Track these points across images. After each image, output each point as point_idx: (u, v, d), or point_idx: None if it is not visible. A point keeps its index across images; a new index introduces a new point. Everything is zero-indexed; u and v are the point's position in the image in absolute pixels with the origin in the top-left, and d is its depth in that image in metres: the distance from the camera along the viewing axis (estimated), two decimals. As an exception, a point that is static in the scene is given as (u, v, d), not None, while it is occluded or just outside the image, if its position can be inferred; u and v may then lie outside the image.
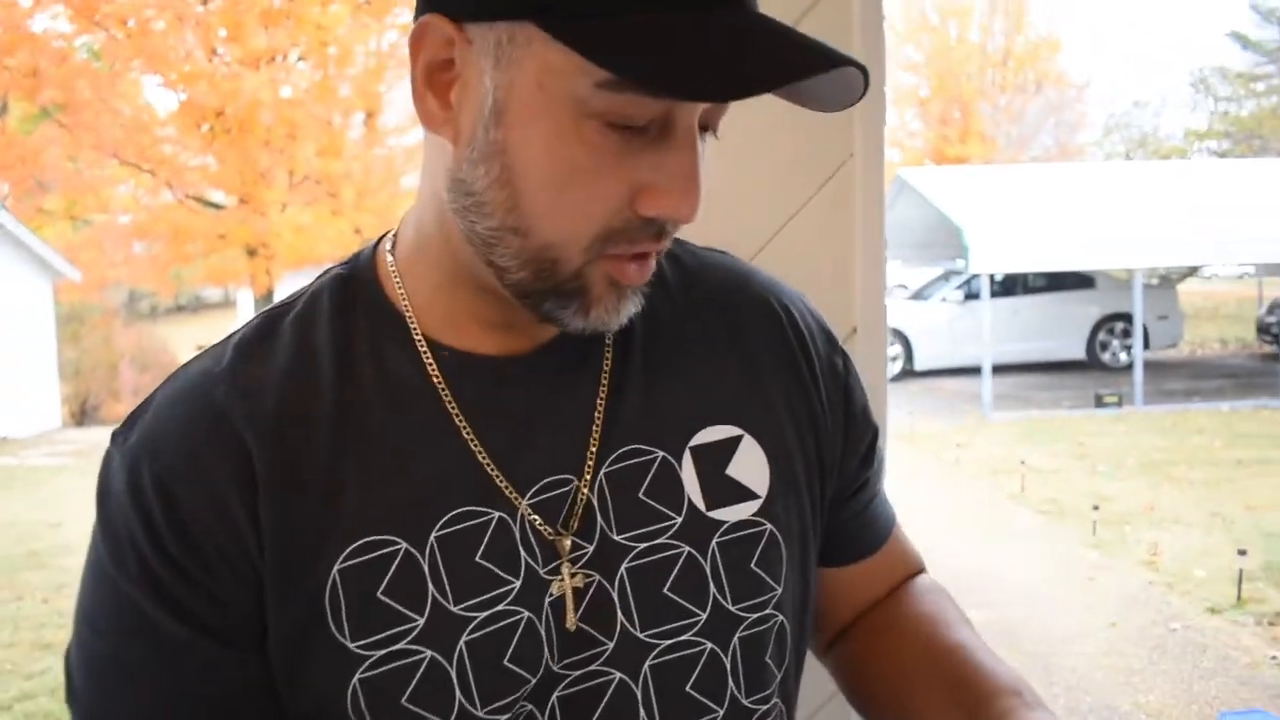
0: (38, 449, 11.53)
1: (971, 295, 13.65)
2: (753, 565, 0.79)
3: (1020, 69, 27.10)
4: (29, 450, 11.40)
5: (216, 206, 15.07)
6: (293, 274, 14.42)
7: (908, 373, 13.90)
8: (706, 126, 0.69)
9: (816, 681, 1.01)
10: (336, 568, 0.71)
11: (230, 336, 0.78)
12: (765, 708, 0.81)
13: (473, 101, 0.67)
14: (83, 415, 14.03)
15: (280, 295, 0.98)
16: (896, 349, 13.82)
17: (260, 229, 14.13)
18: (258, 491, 0.71)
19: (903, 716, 0.86)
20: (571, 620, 0.74)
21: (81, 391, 14.26)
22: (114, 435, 0.75)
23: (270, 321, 0.78)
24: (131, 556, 0.70)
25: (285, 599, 0.71)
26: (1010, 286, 13.90)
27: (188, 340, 15.61)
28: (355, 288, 0.78)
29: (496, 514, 0.73)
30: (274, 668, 0.72)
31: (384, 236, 0.81)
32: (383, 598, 0.71)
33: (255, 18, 13.38)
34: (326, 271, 0.81)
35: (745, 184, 1.41)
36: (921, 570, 0.98)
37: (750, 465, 0.80)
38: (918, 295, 14.98)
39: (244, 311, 17.81)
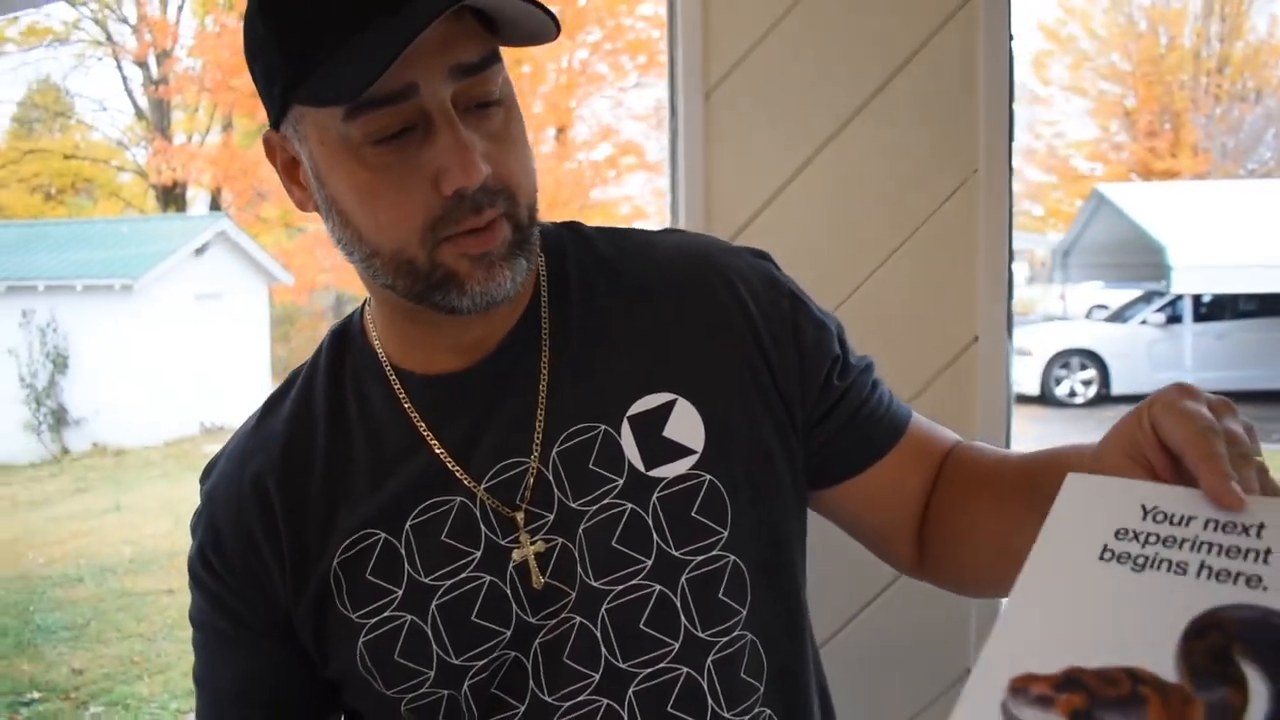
0: (251, 439, 12.36)
1: (1174, 318, 12.96)
2: (694, 514, 0.89)
3: (1238, 76, 25.42)
4: (243, 440, 12.24)
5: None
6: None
7: (1104, 397, 13.30)
8: (486, 103, 0.82)
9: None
10: (335, 560, 0.90)
11: (267, 398, 1.00)
12: (726, 640, 0.90)
13: (306, 177, 0.86)
14: (291, 410, 14.94)
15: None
16: (1091, 372, 13.26)
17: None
18: (277, 520, 0.92)
19: (999, 537, 0.89)
20: (539, 580, 0.88)
21: (290, 387, 15.19)
22: (201, 480, 0.99)
23: (289, 379, 0.99)
24: (197, 574, 0.95)
25: (305, 591, 0.91)
26: (1217, 310, 13.10)
27: (388, 343, 16.37)
28: (348, 338, 0.98)
29: (458, 499, 0.89)
30: (308, 646, 0.92)
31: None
32: (370, 577, 0.89)
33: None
34: (330, 330, 1.01)
35: (870, 198, 1.49)
36: (959, 442, 1.03)
37: (685, 425, 0.91)
38: (1116, 317, 14.32)
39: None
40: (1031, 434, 9.67)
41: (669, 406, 0.91)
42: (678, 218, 1.56)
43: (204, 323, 13.16)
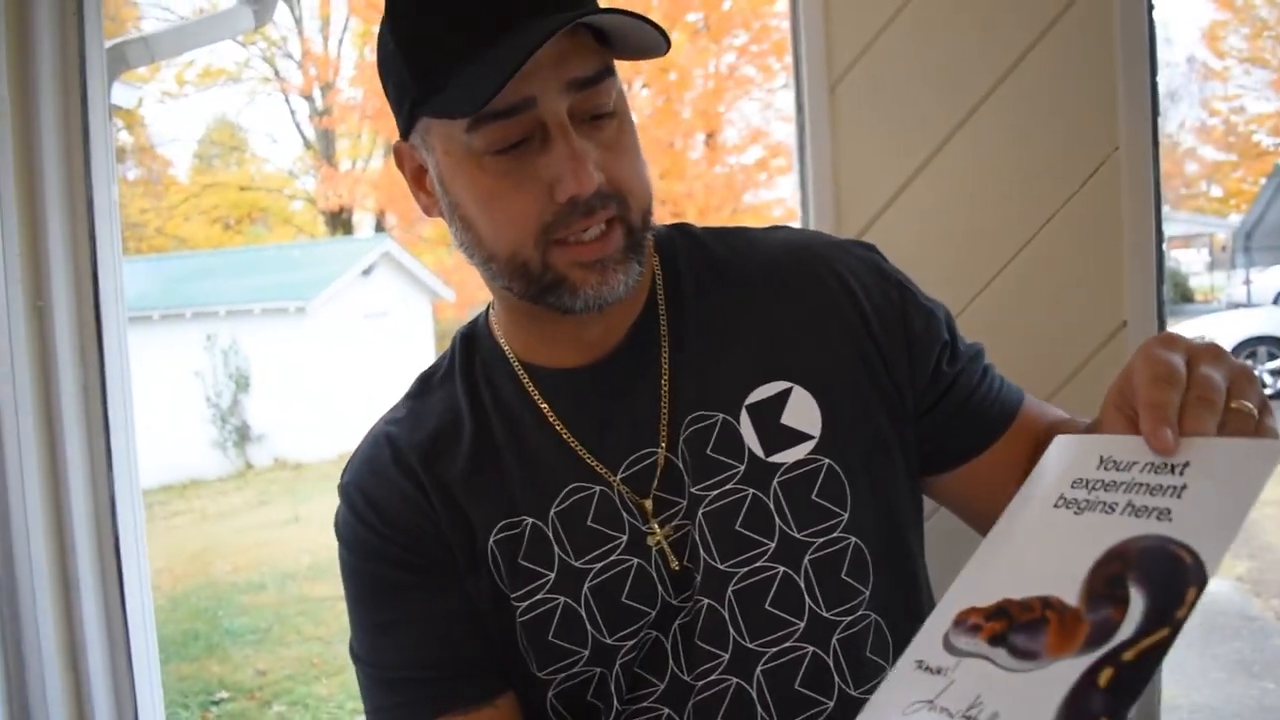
0: (418, 451, 12.79)
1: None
2: (814, 497, 0.92)
3: None
4: (411, 452, 12.67)
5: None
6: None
7: (1294, 389, 12.47)
8: (600, 115, 0.86)
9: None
10: (490, 542, 0.94)
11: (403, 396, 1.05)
12: (850, 619, 0.93)
13: (433, 184, 0.92)
14: (456, 422, 15.39)
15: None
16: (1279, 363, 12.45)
17: (610, 248, 14.91)
18: (430, 497, 0.95)
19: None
20: (675, 563, 0.91)
21: (454, 400, 15.64)
22: (340, 484, 1.02)
23: (425, 379, 1.04)
24: (363, 546, 0.97)
25: (471, 565, 0.95)
26: None
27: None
28: (475, 340, 1.04)
29: (598, 488, 0.93)
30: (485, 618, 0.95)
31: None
32: (522, 561, 0.93)
33: (602, 52, 14.18)
34: (457, 333, 1.06)
35: (1005, 183, 1.44)
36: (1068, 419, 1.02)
37: (802, 412, 0.93)
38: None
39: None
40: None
41: (785, 394, 0.94)
42: (808, 214, 1.54)
43: (372, 340, 13.70)
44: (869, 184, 1.48)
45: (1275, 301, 14.78)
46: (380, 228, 17.28)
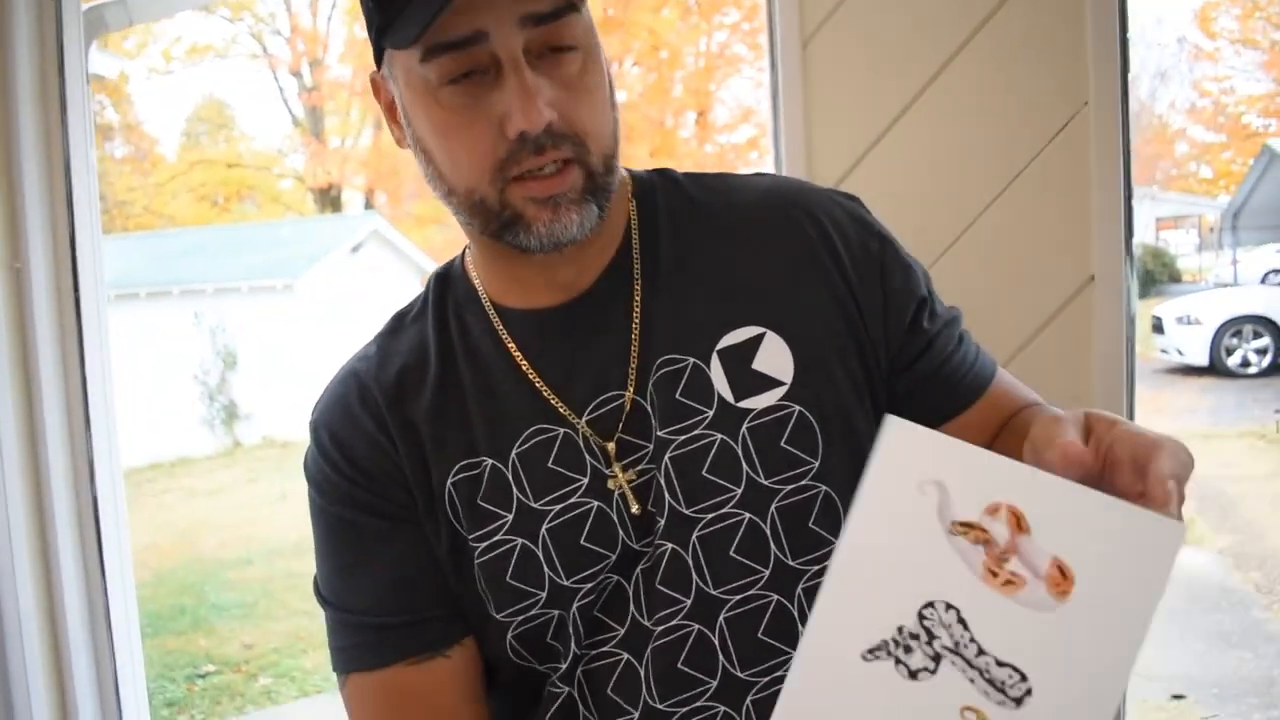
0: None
1: (1359, 280, 12.10)
2: (783, 444, 0.90)
3: None
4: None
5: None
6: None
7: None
8: (563, 48, 0.84)
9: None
10: (449, 483, 0.93)
11: (375, 334, 1.04)
12: (817, 569, 0.91)
13: (402, 117, 0.91)
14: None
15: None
16: (1266, 340, 12.49)
17: (599, 227, 14.89)
18: (392, 436, 0.95)
19: None
20: (636, 507, 0.91)
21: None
22: (310, 423, 1.02)
23: (399, 317, 1.03)
24: (330, 488, 0.97)
25: (429, 509, 0.94)
26: None
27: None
28: (450, 279, 1.02)
29: (561, 430, 0.92)
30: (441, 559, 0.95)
31: None
32: (481, 502, 0.92)
33: (591, 28, 14.14)
34: (433, 271, 1.05)
35: (975, 138, 1.44)
36: (1033, 404, 1.01)
37: (774, 357, 0.92)
38: (1295, 280, 13.46)
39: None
40: (1203, 406, 9.19)
41: (758, 340, 0.92)
42: (780, 171, 1.55)
43: (361, 318, 13.66)
44: (840, 140, 1.49)
45: (1262, 281, 14.84)
46: (369, 205, 17.21)
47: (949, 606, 0.61)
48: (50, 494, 2.00)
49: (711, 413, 0.91)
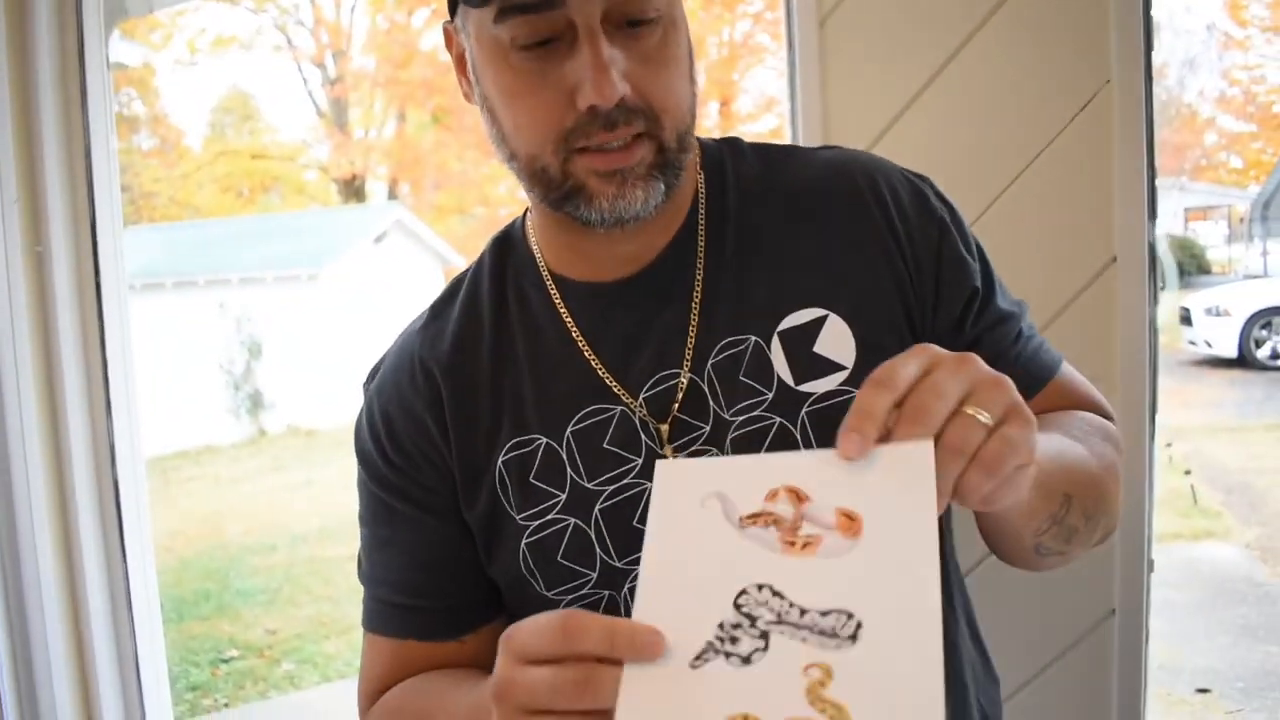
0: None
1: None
2: None
3: None
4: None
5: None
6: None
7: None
8: (642, 21, 0.81)
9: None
10: (499, 460, 0.93)
11: (431, 302, 1.02)
12: None
13: (471, 73, 0.89)
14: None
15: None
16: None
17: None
18: (445, 410, 0.94)
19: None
20: None
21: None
22: (363, 384, 1.02)
23: (454, 284, 1.02)
24: (370, 464, 0.98)
25: (474, 486, 0.93)
26: None
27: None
28: (510, 244, 1.00)
29: (617, 409, 0.91)
30: (479, 544, 0.94)
31: None
32: (534, 481, 0.91)
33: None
34: (493, 236, 1.03)
35: (999, 113, 1.42)
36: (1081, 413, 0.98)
37: (836, 340, 0.89)
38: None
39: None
40: (1231, 398, 9.09)
41: (820, 322, 0.90)
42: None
43: (384, 308, 13.72)
44: (858, 119, 1.47)
45: (1293, 272, 14.64)
46: (393, 196, 17.25)
47: (760, 586, 0.63)
48: (72, 479, 2.01)
49: (771, 395, 0.89)
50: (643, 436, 0.90)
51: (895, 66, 1.45)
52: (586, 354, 0.92)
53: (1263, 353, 11.57)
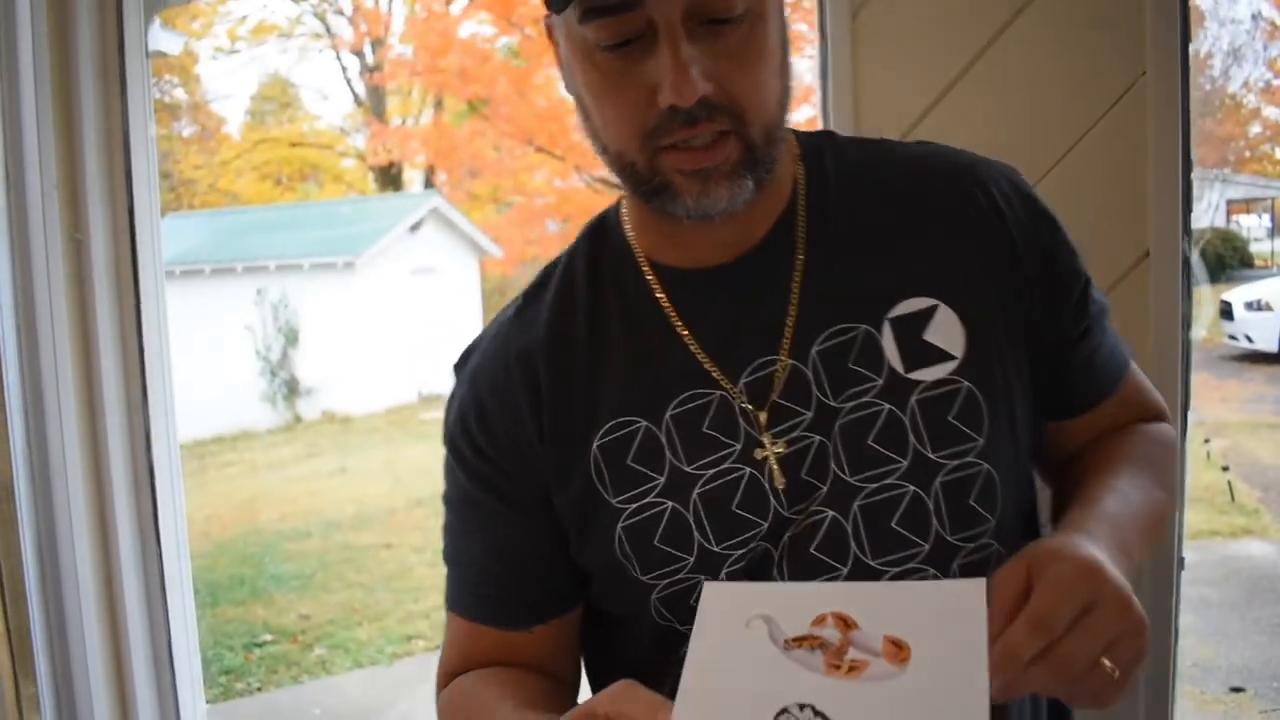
0: (463, 406, 12.94)
1: None
2: (950, 418, 0.88)
3: None
4: (456, 407, 12.83)
5: (617, 187, 16.05)
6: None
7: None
8: (726, 19, 0.80)
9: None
10: (596, 444, 0.92)
11: (524, 290, 1.03)
12: (973, 546, 0.89)
13: (563, 68, 0.90)
14: (501, 379, 15.48)
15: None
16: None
17: (656, 207, 14.87)
18: (541, 396, 0.94)
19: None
20: (781, 479, 0.89)
21: (501, 357, 15.70)
22: (455, 367, 1.03)
23: (546, 271, 1.01)
24: (458, 453, 0.98)
25: (567, 472, 0.93)
26: None
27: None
28: (604, 232, 1.01)
29: (717, 394, 0.90)
30: (568, 525, 0.95)
31: None
32: (631, 464, 0.91)
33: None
34: (586, 224, 1.03)
35: (1033, 105, 1.41)
36: (1158, 417, 1.02)
37: (947, 331, 0.90)
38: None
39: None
40: (1272, 394, 8.95)
41: (931, 311, 0.90)
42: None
43: (420, 296, 13.80)
44: (890, 111, 1.46)
45: (1337, 267, 14.37)
46: (430, 184, 17.33)
47: (803, 706, 0.62)
48: (108, 464, 2.04)
49: (881, 381, 0.89)
50: (741, 422, 0.90)
51: (927, 58, 1.44)
52: (685, 339, 0.93)
53: (1306, 348, 11.39)
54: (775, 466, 0.89)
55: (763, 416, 0.90)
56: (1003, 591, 0.72)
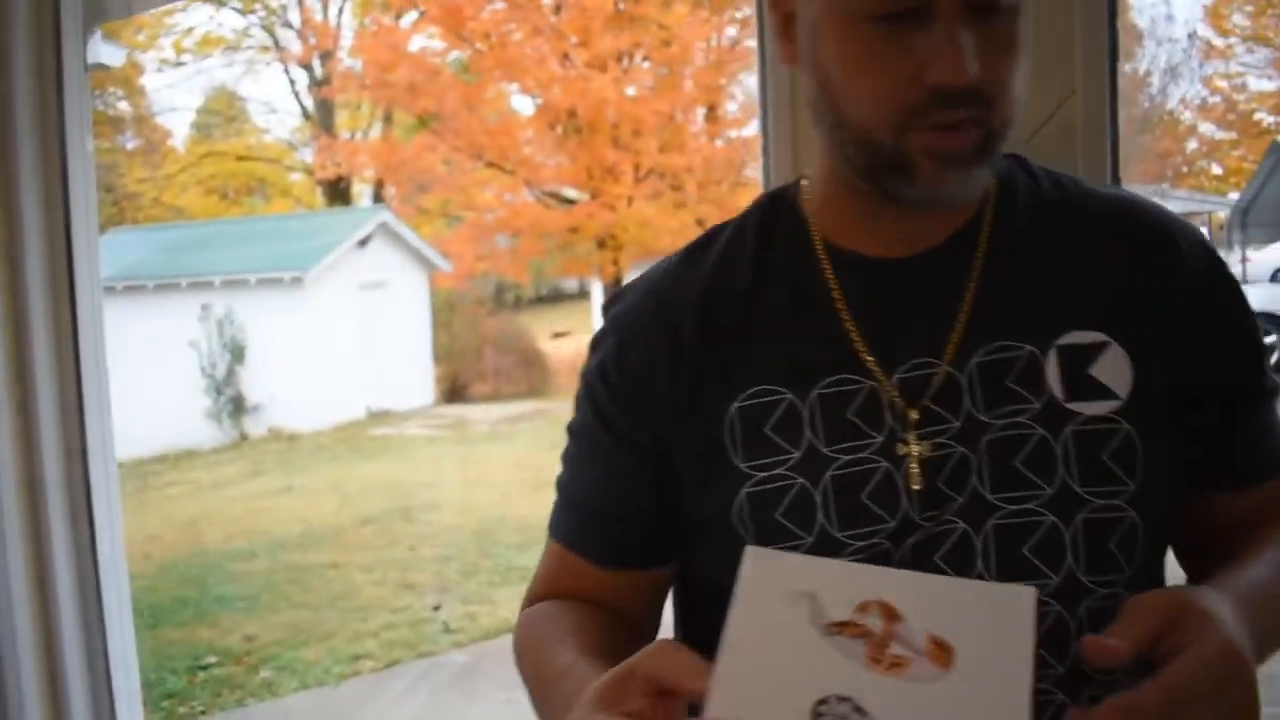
0: (414, 421, 12.86)
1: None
2: (1105, 457, 0.87)
3: None
4: (407, 422, 12.75)
5: (569, 202, 16.05)
6: (639, 264, 15.06)
7: (1288, 364, 12.43)
8: (997, 8, 0.81)
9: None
10: (736, 404, 0.92)
11: (688, 245, 1.04)
12: (1105, 591, 0.87)
13: (802, 35, 0.89)
14: (452, 393, 15.38)
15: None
16: (1276, 338, 12.39)
17: (608, 222, 14.90)
18: (684, 349, 0.95)
19: None
20: (919, 481, 0.88)
21: (451, 372, 15.62)
22: (605, 306, 1.04)
23: (713, 231, 1.03)
24: (591, 386, 1.00)
25: (695, 425, 0.94)
26: None
27: (545, 328, 16.71)
28: (782, 204, 1.01)
29: (868, 383, 0.91)
30: (687, 477, 0.95)
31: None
32: (769, 433, 0.91)
33: (601, 22, 14.14)
34: (764, 193, 1.05)
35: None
36: None
37: (1115, 369, 0.89)
38: (1298, 279, 13.34)
39: (598, 302, 18.75)
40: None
41: (1101, 347, 0.90)
42: (769, 159, 1.53)
43: (369, 311, 13.69)
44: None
45: (1272, 279, 14.72)
46: (379, 198, 17.21)
47: (841, 699, 0.62)
48: (44, 481, 2.00)
49: (1038, 406, 0.88)
50: (887, 417, 0.90)
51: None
52: (847, 323, 0.92)
53: (1243, 360, 11.60)
54: (916, 467, 0.88)
55: (914, 415, 0.89)
56: (1139, 627, 0.70)
